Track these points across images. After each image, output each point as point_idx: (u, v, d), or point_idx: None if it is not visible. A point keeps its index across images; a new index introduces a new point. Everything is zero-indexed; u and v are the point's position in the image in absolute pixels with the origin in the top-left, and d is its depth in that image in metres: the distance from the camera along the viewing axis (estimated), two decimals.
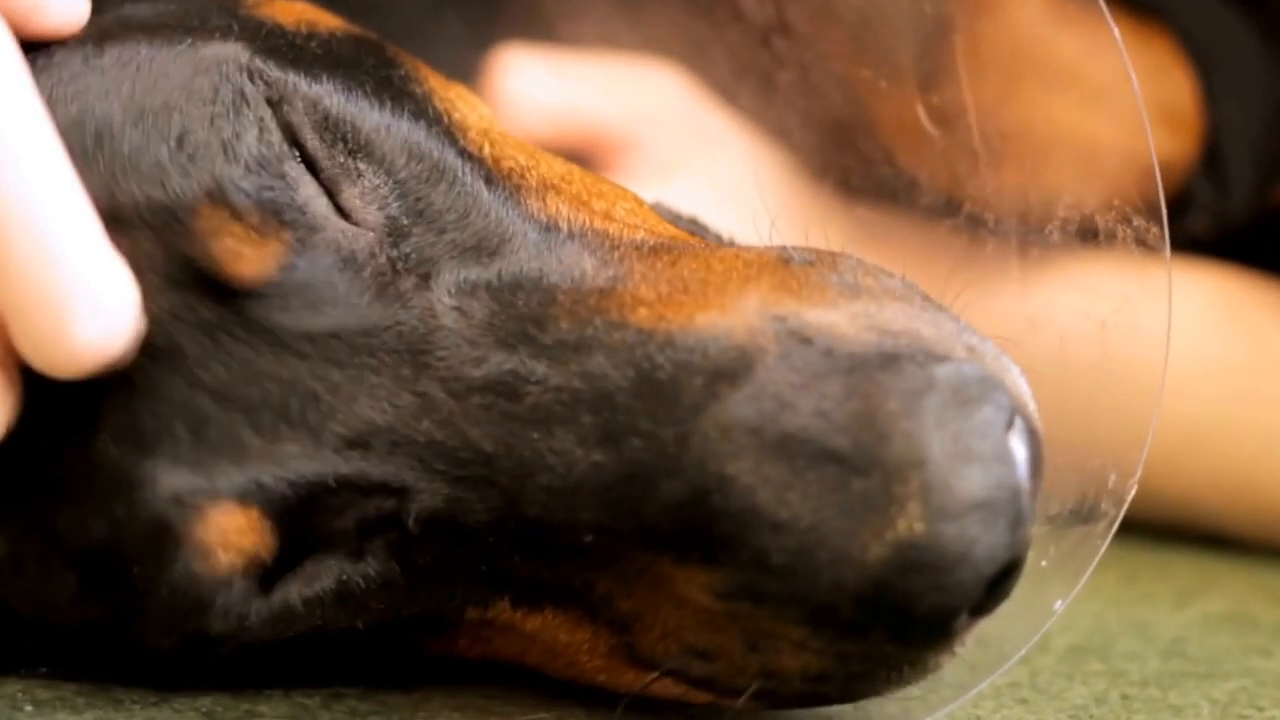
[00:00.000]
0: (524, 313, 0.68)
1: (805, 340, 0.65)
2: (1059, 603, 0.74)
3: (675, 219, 0.79)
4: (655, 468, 0.64)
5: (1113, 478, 0.75)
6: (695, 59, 1.05)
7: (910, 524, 0.61)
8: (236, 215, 0.67)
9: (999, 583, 0.64)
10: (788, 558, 0.62)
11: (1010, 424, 0.64)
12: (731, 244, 0.77)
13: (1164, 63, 1.07)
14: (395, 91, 0.74)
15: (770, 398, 0.63)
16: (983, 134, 0.84)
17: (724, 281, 0.68)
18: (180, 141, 0.67)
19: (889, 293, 0.68)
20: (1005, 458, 0.63)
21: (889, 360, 0.64)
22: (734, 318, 0.66)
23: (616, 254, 0.70)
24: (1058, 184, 0.85)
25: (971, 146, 0.83)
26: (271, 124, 0.68)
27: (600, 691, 0.72)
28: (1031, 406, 0.67)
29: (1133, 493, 0.74)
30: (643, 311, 0.67)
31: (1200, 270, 1.10)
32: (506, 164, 0.74)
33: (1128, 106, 0.86)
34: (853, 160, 0.97)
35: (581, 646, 0.70)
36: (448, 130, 0.74)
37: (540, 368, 0.66)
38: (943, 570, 0.62)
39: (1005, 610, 0.67)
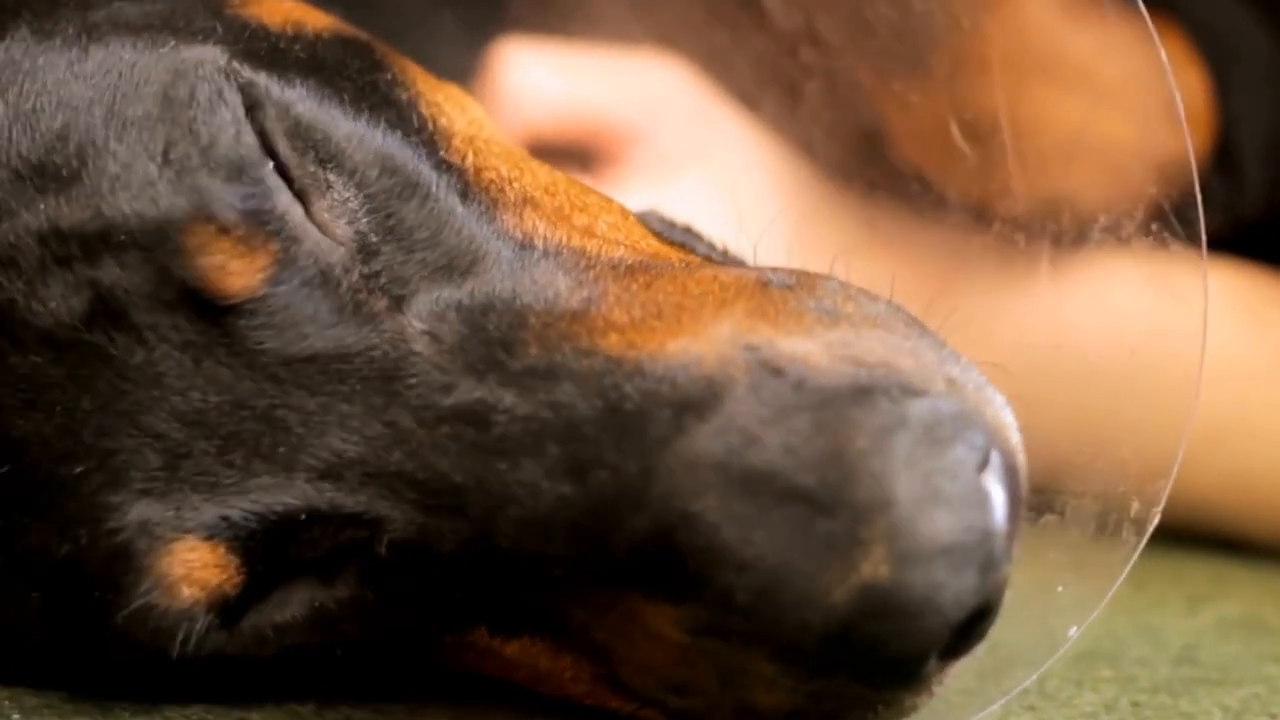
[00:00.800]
0: (494, 337, 0.67)
1: (776, 371, 0.64)
2: (1073, 629, 0.73)
3: (668, 229, 0.78)
4: (621, 502, 0.63)
5: (1135, 505, 0.74)
6: (716, 66, 1.04)
7: (875, 568, 0.61)
8: (224, 229, 0.67)
9: (971, 626, 0.63)
10: (752, 597, 0.62)
11: (985, 463, 0.63)
12: (723, 255, 0.77)
13: (1175, 59, 1.06)
14: (378, 97, 0.73)
15: (737, 432, 0.62)
16: (1019, 82, 0.83)
17: (698, 306, 0.67)
18: (165, 155, 0.67)
19: (869, 319, 0.67)
20: (975, 500, 0.62)
21: (861, 394, 0.63)
22: (705, 346, 0.65)
23: (591, 274, 0.69)
24: (1076, 185, 0.84)
25: (1005, 164, 0.81)
26: (246, 126, 0.68)
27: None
28: (1014, 440, 0.66)
29: (1155, 522, 0.74)
30: (613, 337, 0.66)
31: (1219, 269, 1.09)
32: (487, 175, 0.73)
33: (1140, 104, 0.84)
34: (878, 174, 0.95)
35: (564, 674, 0.70)
36: (430, 139, 0.73)
37: (509, 396, 0.66)
38: (907, 616, 0.61)
39: (1018, 635, 0.67)
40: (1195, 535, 1.11)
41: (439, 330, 0.67)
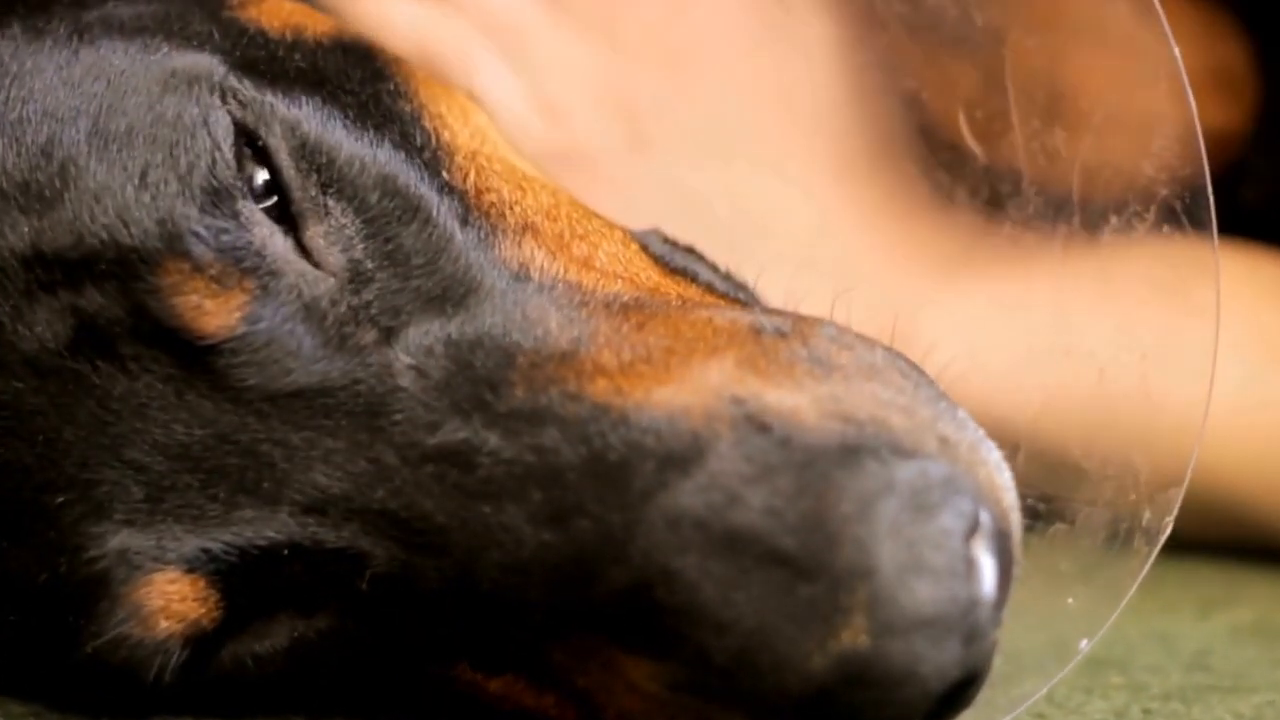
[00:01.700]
0: (481, 375, 0.67)
1: (763, 427, 0.63)
2: (1084, 642, 0.73)
3: (669, 253, 0.78)
4: (602, 553, 0.63)
5: (1147, 515, 0.73)
6: None
7: (855, 636, 0.60)
8: (198, 268, 0.66)
9: (954, 695, 0.62)
10: (729, 659, 0.61)
11: (973, 531, 0.62)
12: (725, 280, 0.77)
13: (1217, 26, 1.04)
14: (381, 113, 0.73)
15: (720, 489, 0.62)
16: (1034, 97, 0.81)
17: (689, 352, 0.66)
18: (143, 178, 0.67)
19: (864, 371, 0.66)
20: (960, 570, 0.61)
21: (849, 455, 0.62)
22: (691, 397, 0.64)
23: (584, 311, 0.69)
24: (1110, 154, 0.83)
25: (1015, 166, 0.80)
26: (228, 151, 0.68)
27: None
28: (1007, 502, 0.65)
29: (1168, 531, 0.73)
30: (601, 382, 0.66)
31: (1237, 257, 1.07)
32: (489, 198, 0.73)
33: (1178, 75, 0.83)
34: (891, 171, 0.93)
35: (549, 713, 0.70)
36: (433, 156, 0.73)
37: (493, 438, 0.65)
38: (887, 686, 0.61)
39: (1028, 644, 0.66)
40: (1210, 539, 1.08)
41: (426, 365, 0.67)
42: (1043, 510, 0.75)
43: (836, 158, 0.95)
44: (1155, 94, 0.76)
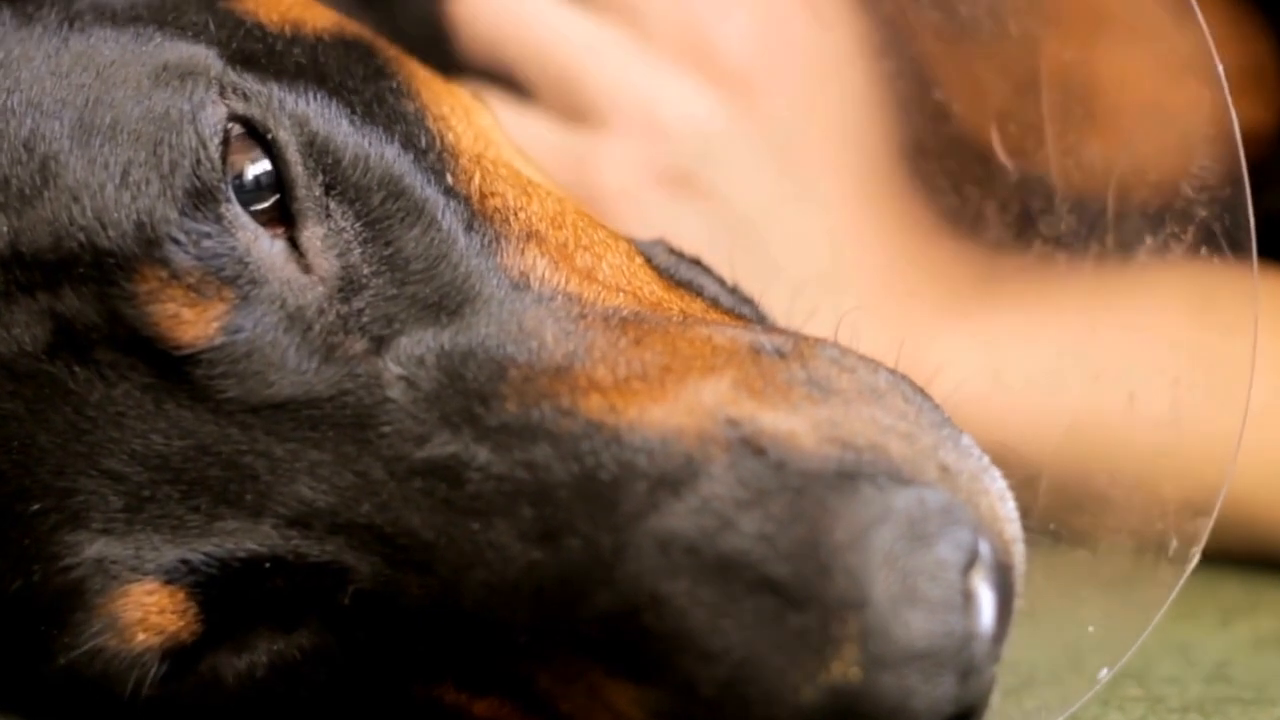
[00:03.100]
0: (472, 388, 0.65)
1: (758, 450, 0.62)
2: (1104, 671, 0.72)
3: (674, 265, 0.76)
4: (590, 575, 0.62)
5: (1174, 544, 0.72)
6: None
7: (845, 669, 0.59)
8: (175, 276, 0.65)
9: None
10: (716, 690, 0.60)
11: (971, 563, 0.61)
12: (731, 293, 0.76)
13: (1245, 25, 1.02)
14: (387, 112, 0.71)
15: (712, 514, 0.61)
16: (1069, 110, 0.80)
17: (685, 370, 0.65)
18: (124, 176, 0.65)
19: (864, 394, 0.65)
20: (957, 603, 0.60)
21: (845, 480, 0.61)
22: (685, 418, 0.63)
23: (581, 324, 0.68)
24: (1147, 171, 0.81)
25: (1047, 181, 0.79)
26: (214, 150, 0.66)
27: None
28: (1009, 534, 0.64)
29: (1195, 562, 0.72)
30: (595, 398, 0.64)
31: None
32: (493, 202, 0.71)
33: (1212, 72, 0.81)
34: (917, 186, 0.92)
35: None
36: (438, 159, 0.71)
37: (483, 453, 0.64)
38: None
39: (1046, 673, 0.64)
40: (1230, 553, 1.08)
41: (416, 376, 0.66)
42: (1065, 536, 0.74)
43: (865, 174, 0.94)
44: (1197, 112, 0.75)
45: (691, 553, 0.60)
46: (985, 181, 0.84)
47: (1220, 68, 0.71)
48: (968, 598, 0.60)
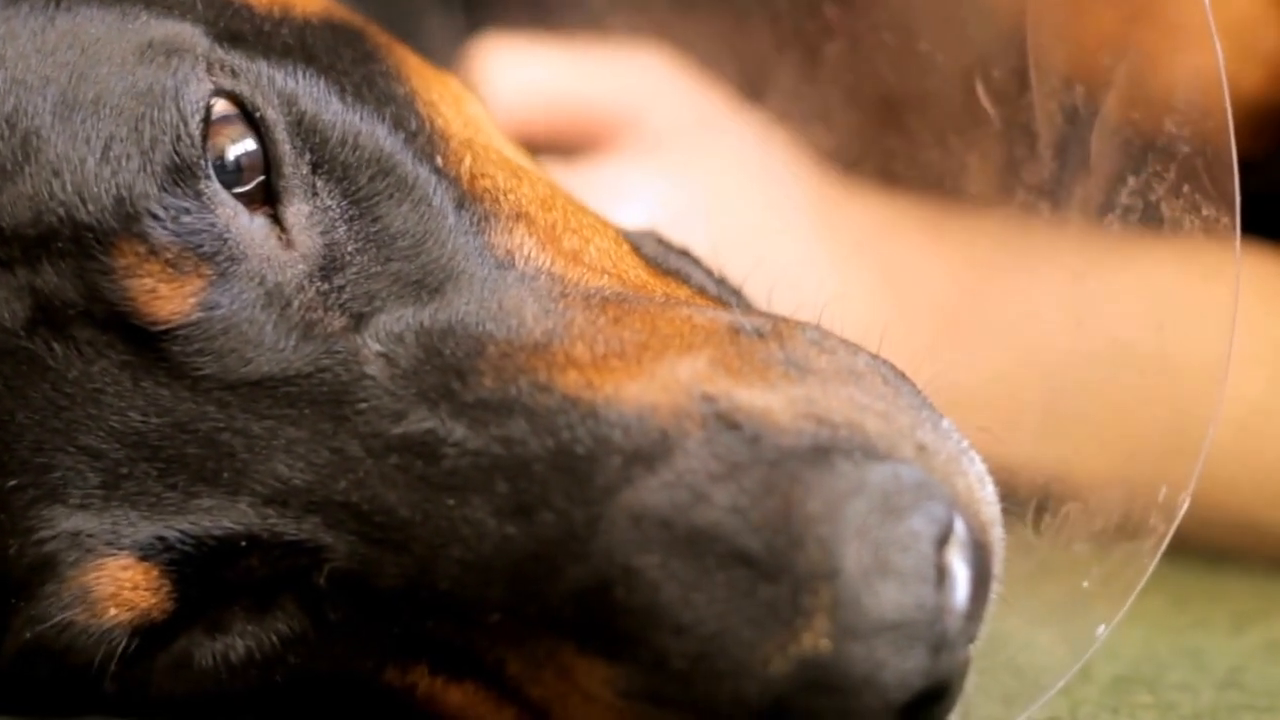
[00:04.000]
0: (450, 364, 0.66)
1: (733, 425, 0.62)
2: (1102, 628, 0.71)
3: (663, 254, 0.77)
4: (563, 549, 0.62)
5: (1164, 491, 0.71)
6: (735, 29, 1.02)
7: (815, 640, 0.59)
8: (153, 251, 0.66)
9: (921, 708, 0.60)
10: (687, 663, 0.60)
11: (945, 537, 0.60)
12: (718, 283, 0.76)
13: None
14: (377, 94, 0.72)
15: (685, 487, 0.61)
16: (1053, 54, 0.80)
17: (663, 348, 0.66)
18: (105, 151, 0.66)
19: (842, 374, 0.65)
20: (929, 576, 0.60)
21: (819, 455, 0.61)
22: (661, 394, 0.64)
23: (562, 303, 0.68)
24: (1131, 111, 0.80)
25: (1031, 127, 0.79)
26: (196, 125, 0.67)
27: None
28: (986, 515, 0.63)
29: (1185, 506, 0.71)
30: (572, 375, 0.65)
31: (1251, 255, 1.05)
32: (483, 183, 0.72)
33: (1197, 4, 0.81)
34: (898, 142, 0.93)
35: None
36: (428, 141, 0.72)
37: (459, 429, 0.65)
38: (846, 693, 0.59)
39: (1043, 637, 0.65)
40: (1239, 550, 1.06)
41: (395, 353, 0.66)
42: (1055, 490, 0.74)
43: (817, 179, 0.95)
44: (1182, 46, 0.75)
45: (664, 526, 0.60)
46: (968, 130, 0.85)
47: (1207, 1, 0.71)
48: (941, 572, 0.60)
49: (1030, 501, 0.73)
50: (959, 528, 0.61)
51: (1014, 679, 0.68)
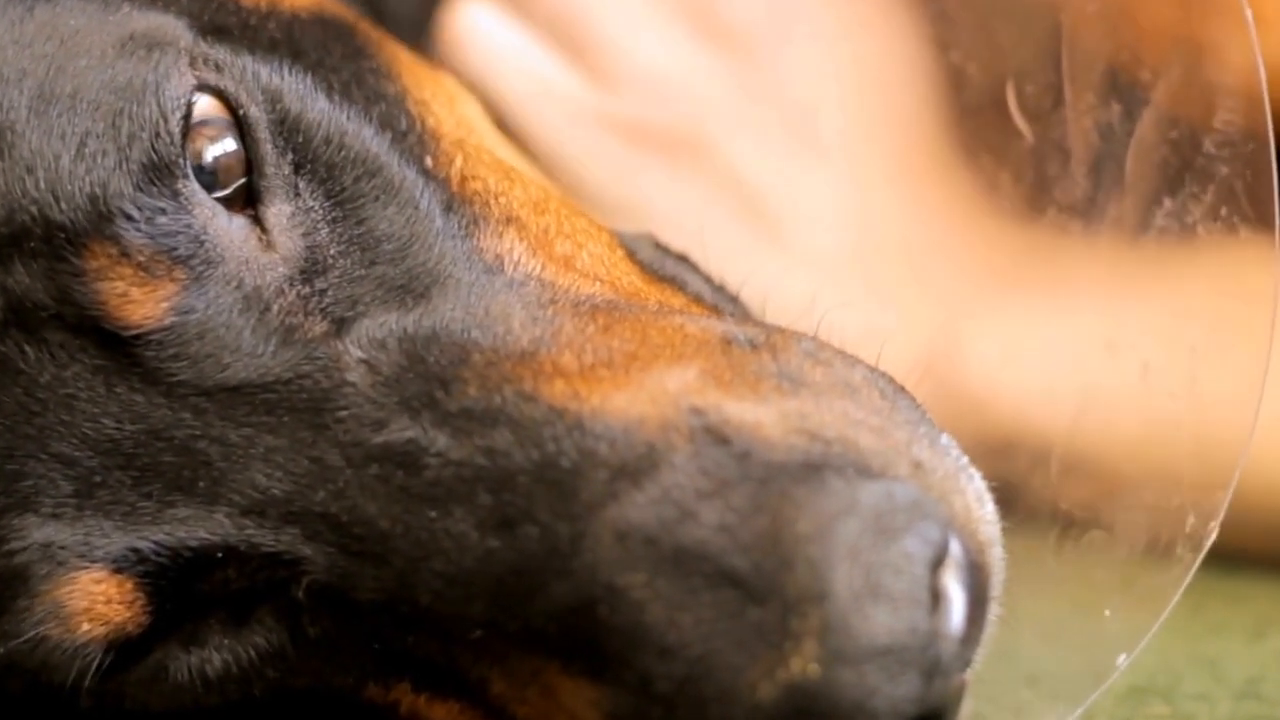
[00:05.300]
0: (433, 372, 0.65)
1: (722, 440, 0.61)
2: (1123, 657, 0.70)
3: (659, 260, 0.76)
4: (547, 565, 0.61)
5: (1191, 520, 0.71)
6: None
7: (804, 664, 0.58)
8: (125, 253, 0.64)
9: None
10: (673, 687, 0.59)
11: (940, 559, 0.59)
12: (715, 292, 0.75)
13: None
14: (366, 92, 0.71)
15: (672, 504, 0.60)
16: (1090, 69, 0.79)
17: (652, 359, 0.64)
18: (80, 148, 0.65)
19: (837, 387, 0.64)
20: (922, 599, 0.58)
21: (810, 472, 0.60)
22: (648, 406, 0.62)
23: (550, 310, 0.67)
24: (1169, 130, 0.79)
25: (1064, 144, 0.77)
26: (175, 122, 0.65)
27: None
28: (985, 535, 0.62)
29: (1213, 537, 0.70)
30: (558, 384, 0.64)
31: None
32: (473, 186, 0.71)
33: (1240, 19, 0.79)
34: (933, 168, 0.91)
35: None
36: (418, 141, 0.71)
37: (442, 438, 0.63)
38: None
39: (1061, 661, 0.63)
40: (1264, 555, 1.03)
41: (377, 360, 0.65)
42: (1079, 516, 0.73)
43: (900, 148, 0.93)
44: (1223, 66, 0.73)
45: (650, 544, 0.59)
46: (1000, 149, 0.83)
47: (1249, 14, 0.69)
48: (935, 595, 0.59)
49: (1053, 527, 0.72)
50: (955, 548, 0.60)
51: (1028, 689, 0.67)
